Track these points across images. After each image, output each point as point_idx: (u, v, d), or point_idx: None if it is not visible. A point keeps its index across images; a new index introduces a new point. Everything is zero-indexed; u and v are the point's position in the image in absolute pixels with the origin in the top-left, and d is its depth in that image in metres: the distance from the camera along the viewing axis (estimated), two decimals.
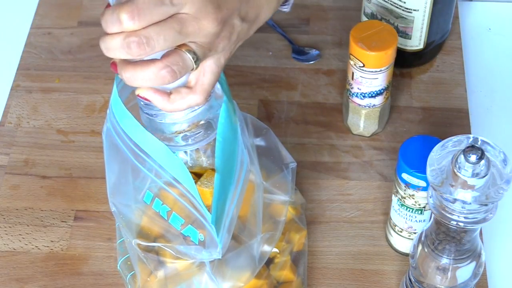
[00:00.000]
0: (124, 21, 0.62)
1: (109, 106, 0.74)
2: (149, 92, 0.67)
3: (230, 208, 0.74)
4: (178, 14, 0.64)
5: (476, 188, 0.70)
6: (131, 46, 0.62)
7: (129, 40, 0.62)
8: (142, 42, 0.62)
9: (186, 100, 0.68)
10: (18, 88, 1.11)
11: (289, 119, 1.07)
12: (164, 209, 0.77)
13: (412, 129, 1.06)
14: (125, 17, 0.62)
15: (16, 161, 1.04)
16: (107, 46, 0.64)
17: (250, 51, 1.14)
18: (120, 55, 0.64)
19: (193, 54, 0.66)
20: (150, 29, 0.63)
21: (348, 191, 1.01)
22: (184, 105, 0.69)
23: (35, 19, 1.19)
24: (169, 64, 0.64)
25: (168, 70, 0.64)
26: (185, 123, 0.73)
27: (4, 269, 0.94)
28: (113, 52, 0.64)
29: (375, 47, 0.95)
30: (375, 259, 0.95)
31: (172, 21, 0.63)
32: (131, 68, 0.65)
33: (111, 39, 0.63)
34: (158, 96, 0.68)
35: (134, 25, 0.62)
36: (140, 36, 0.62)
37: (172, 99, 0.68)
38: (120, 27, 0.62)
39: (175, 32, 0.64)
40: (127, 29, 0.62)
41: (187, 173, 0.71)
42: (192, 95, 0.69)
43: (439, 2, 1.04)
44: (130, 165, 0.75)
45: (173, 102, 0.68)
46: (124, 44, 0.62)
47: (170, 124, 0.73)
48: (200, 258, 0.76)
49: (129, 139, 0.73)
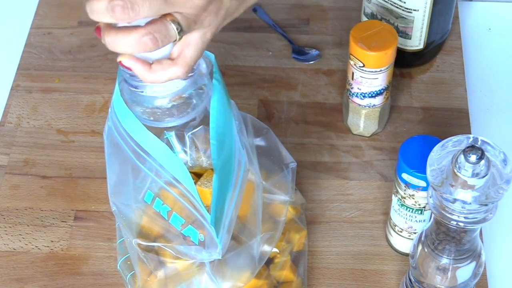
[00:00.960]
0: None
1: (110, 105, 0.75)
2: (131, 60, 0.67)
3: (229, 209, 0.75)
4: None
5: (476, 188, 0.70)
6: (115, 9, 0.62)
7: (113, 3, 0.62)
8: (126, 6, 0.62)
9: (167, 71, 0.68)
10: (18, 88, 1.11)
11: (289, 119, 1.07)
12: (164, 209, 0.77)
13: (412, 129, 1.06)
14: None
15: (16, 161, 1.04)
16: (92, 8, 0.64)
17: (250, 51, 1.14)
18: (104, 18, 0.63)
19: (177, 24, 0.65)
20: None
21: (348, 191, 1.01)
22: (165, 77, 0.68)
23: (35, 19, 1.19)
24: (151, 31, 0.64)
25: (150, 37, 0.64)
26: (166, 98, 0.72)
27: (4, 269, 0.94)
28: (97, 15, 0.64)
29: (375, 47, 0.95)
30: (375, 259, 0.95)
31: None
32: (114, 33, 0.65)
33: (96, 2, 0.63)
34: (139, 65, 0.67)
35: None
36: (125, 0, 0.62)
37: (153, 69, 0.68)
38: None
39: (161, 0, 0.64)
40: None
41: (187, 173, 0.71)
42: (174, 67, 0.68)
43: (439, 2, 1.04)
44: (131, 165, 0.75)
45: (154, 72, 0.68)
46: (109, 7, 0.62)
47: (151, 98, 0.71)
48: (200, 258, 0.76)
49: (130, 138, 0.73)
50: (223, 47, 1.14)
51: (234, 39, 1.15)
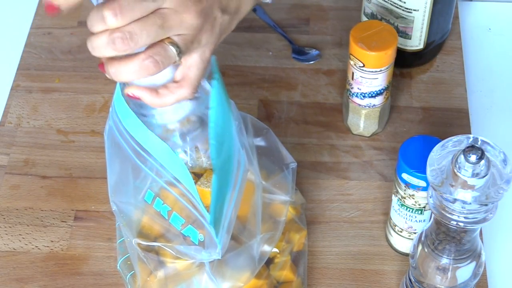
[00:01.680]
0: (107, 19, 0.64)
1: (111, 105, 0.75)
2: (138, 90, 0.69)
3: (228, 209, 0.75)
4: (160, 9, 0.66)
5: (476, 188, 0.70)
6: (115, 41, 0.64)
7: (113, 36, 0.64)
8: (126, 37, 0.64)
9: (175, 94, 0.70)
10: (18, 88, 1.11)
11: (289, 119, 1.07)
12: (165, 209, 0.77)
13: (412, 129, 1.06)
14: (108, 15, 0.64)
15: (16, 161, 1.04)
16: (93, 45, 0.66)
17: (250, 51, 1.14)
18: (106, 52, 0.65)
19: (176, 46, 0.67)
20: (133, 24, 0.65)
21: (348, 191, 1.01)
22: (173, 99, 0.70)
23: (35, 19, 1.19)
24: (151, 54, 0.66)
25: (151, 60, 0.66)
26: (175, 122, 0.74)
27: (4, 269, 0.94)
28: (99, 50, 0.66)
29: (375, 47, 0.95)
30: (375, 259, 0.95)
31: (154, 16, 0.65)
32: (116, 63, 0.67)
33: (96, 38, 0.65)
34: (146, 92, 0.69)
35: (117, 22, 0.64)
36: (124, 31, 0.64)
37: (160, 94, 0.70)
38: (104, 25, 0.64)
39: (157, 26, 0.66)
40: (111, 26, 0.64)
41: (187, 173, 0.72)
42: (180, 89, 0.70)
43: (439, 2, 1.04)
44: (132, 164, 0.75)
45: (162, 97, 0.70)
46: (110, 40, 0.65)
47: (161, 125, 0.74)
48: (200, 258, 0.76)
49: (131, 138, 0.73)
50: (223, 47, 1.14)
51: (234, 39, 1.15)
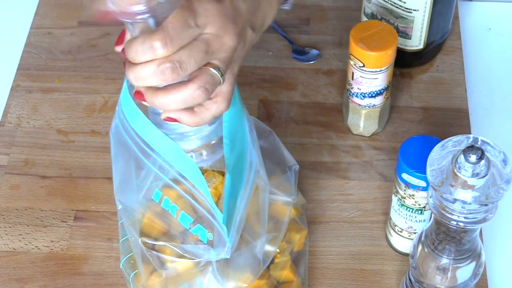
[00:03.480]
0: (157, 49, 0.64)
1: (118, 103, 0.75)
2: (177, 112, 0.69)
3: (240, 208, 0.75)
4: (202, 34, 0.67)
5: (476, 188, 0.70)
6: (165, 72, 0.65)
7: (164, 67, 0.64)
8: (176, 66, 0.65)
9: (211, 110, 0.70)
10: (18, 88, 1.11)
11: (289, 119, 1.07)
12: (173, 208, 0.77)
13: (412, 129, 1.06)
14: (158, 45, 0.64)
15: (16, 161, 1.04)
16: (138, 76, 0.65)
17: (250, 51, 1.14)
18: (152, 82, 0.65)
19: (218, 70, 0.68)
20: (180, 53, 0.65)
21: (348, 191, 1.01)
22: (210, 115, 0.70)
23: (35, 19, 1.19)
24: (202, 84, 0.67)
25: (202, 90, 0.67)
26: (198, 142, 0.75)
27: (4, 269, 0.94)
28: (144, 81, 0.66)
29: (375, 47, 0.95)
30: (375, 259, 0.95)
31: (198, 43, 0.66)
32: (163, 94, 0.67)
33: (142, 68, 0.65)
34: (184, 114, 0.69)
35: (168, 51, 0.64)
36: (173, 61, 0.64)
37: (197, 112, 0.70)
38: (153, 55, 0.64)
39: (203, 52, 0.66)
40: (160, 56, 0.64)
41: (198, 171, 0.72)
42: (215, 104, 0.70)
43: (439, 2, 1.04)
44: (138, 163, 0.75)
45: (199, 115, 0.70)
46: (158, 71, 0.64)
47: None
48: (208, 257, 0.76)
49: (138, 137, 0.73)
50: None
51: None
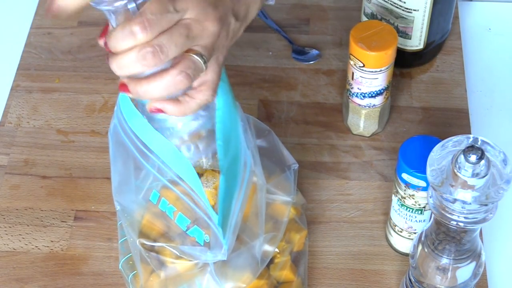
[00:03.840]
0: (137, 33, 0.64)
1: (116, 103, 0.75)
2: (161, 102, 0.69)
3: (235, 209, 0.75)
4: (182, 20, 0.66)
5: (476, 188, 0.70)
6: (146, 57, 0.64)
7: (144, 51, 0.64)
8: (156, 51, 0.64)
9: (196, 99, 0.70)
10: (18, 88, 1.11)
11: (289, 119, 1.07)
12: (170, 209, 0.77)
13: (412, 129, 1.06)
14: (137, 29, 0.63)
15: (16, 161, 1.04)
16: (121, 64, 0.65)
17: (250, 51, 1.14)
18: (135, 69, 0.65)
19: (201, 56, 0.68)
20: (161, 37, 0.65)
21: (348, 191, 1.01)
22: (195, 105, 0.70)
23: (35, 19, 1.19)
24: (183, 69, 0.66)
25: (183, 75, 0.66)
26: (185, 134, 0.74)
27: (4, 269, 0.94)
28: (127, 69, 0.65)
29: (375, 47, 0.95)
30: (375, 259, 0.95)
31: (179, 27, 0.66)
32: (146, 82, 0.66)
33: (124, 56, 0.65)
34: (169, 104, 0.69)
35: (147, 36, 0.64)
36: (154, 45, 0.64)
37: (182, 102, 0.69)
38: (133, 40, 0.64)
39: (184, 36, 0.66)
40: (140, 41, 0.64)
41: (194, 172, 0.72)
42: (200, 93, 0.70)
43: (439, 2, 1.04)
44: (136, 164, 0.75)
45: (184, 104, 0.70)
46: (140, 56, 0.64)
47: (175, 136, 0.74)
48: (205, 259, 0.76)
49: (136, 137, 0.73)
50: None
51: None
